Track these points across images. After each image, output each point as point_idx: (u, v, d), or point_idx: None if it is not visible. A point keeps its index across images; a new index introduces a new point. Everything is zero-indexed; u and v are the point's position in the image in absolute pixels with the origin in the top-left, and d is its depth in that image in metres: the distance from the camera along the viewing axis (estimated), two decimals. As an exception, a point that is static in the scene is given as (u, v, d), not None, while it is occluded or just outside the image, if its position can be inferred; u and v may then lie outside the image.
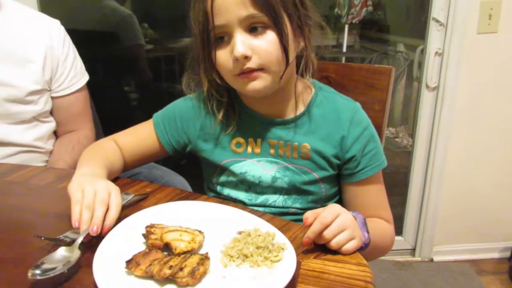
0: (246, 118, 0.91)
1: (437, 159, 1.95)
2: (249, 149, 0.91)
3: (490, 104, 1.87)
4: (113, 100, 2.36)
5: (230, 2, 0.75)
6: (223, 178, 0.94)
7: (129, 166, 0.97)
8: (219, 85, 0.87)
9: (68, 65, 1.25)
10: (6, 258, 0.67)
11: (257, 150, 0.91)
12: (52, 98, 1.25)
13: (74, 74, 1.27)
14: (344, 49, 3.21)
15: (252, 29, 0.76)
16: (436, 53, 1.83)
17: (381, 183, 0.92)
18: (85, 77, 1.31)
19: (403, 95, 3.16)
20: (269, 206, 0.92)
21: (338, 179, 0.93)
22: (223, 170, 0.93)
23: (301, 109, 0.89)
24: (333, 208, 0.70)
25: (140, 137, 0.96)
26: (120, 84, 2.43)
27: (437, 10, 1.77)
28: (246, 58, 0.76)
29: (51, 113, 1.27)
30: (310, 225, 0.67)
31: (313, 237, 0.67)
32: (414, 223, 2.10)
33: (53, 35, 1.23)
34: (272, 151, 0.90)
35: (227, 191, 0.95)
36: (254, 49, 0.76)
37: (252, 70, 0.77)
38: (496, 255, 2.10)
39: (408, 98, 3.06)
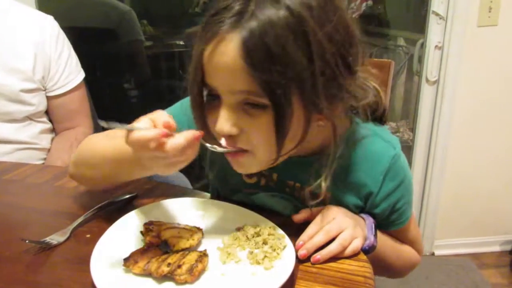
0: None
1: (438, 153, 1.94)
2: (263, 182, 0.78)
3: (490, 97, 1.86)
4: (112, 96, 2.36)
5: (222, 68, 0.58)
6: (236, 198, 0.83)
7: None
8: None
9: (62, 63, 1.23)
10: (4, 256, 0.67)
11: (272, 184, 0.78)
12: (48, 97, 1.24)
13: (69, 72, 1.25)
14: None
15: (246, 103, 0.60)
16: (436, 46, 1.82)
17: (410, 226, 0.81)
18: (81, 74, 1.30)
19: (403, 89, 3.15)
20: None
21: None
22: (235, 192, 0.82)
23: (328, 146, 0.69)
24: (330, 213, 0.68)
25: None
26: (119, 80, 2.42)
27: (437, 3, 1.76)
28: (230, 137, 0.62)
29: (47, 112, 1.26)
30: (298, 221, 0.67)
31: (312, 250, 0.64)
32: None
33: (45, 32, 1.20)
34: (288, 189, 0.78)
35: None
36: (242, 128, 0.61)
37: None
38: (497, 248, 2.10)
39: (408, 93, 3.05)
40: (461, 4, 1.71)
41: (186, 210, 0.75)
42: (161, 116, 0.59)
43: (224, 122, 0.60)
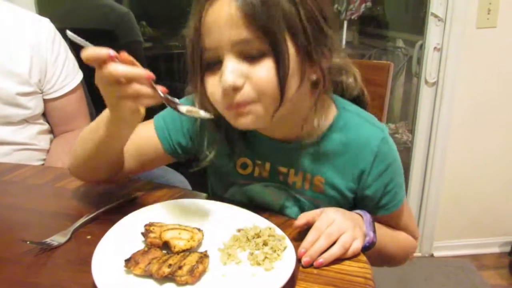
0: (254, 138, 0.80)
1: (437, 155, 1.95)
2: (257, 172, 0.82)
3: (489, 98, 1.87)
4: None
5: (222, 22, 0.63)
6: (228, 194, 0.87)
7: (126, 170, 0.86)
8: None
9: (59, 65, 1.22)
10: (4, 258, 0.67)
11: (266, 174, 0.81)
12: (45, 100, 1.23)
13: (67, 74, 1.24)
14: (343, 45, 3.20)
15: (248, 55, 0.65)
16: (435, 48, 1.82)
17: (404, 211, 0.83)
18: (79, 76, 1.28)
19: (402, 91, 3.16)
20: None
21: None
22: (228, 187, 0.86)
23: (318, 132, 0.76)
24: (328, 216, 0.68)
25: (138, 136, 0.82)
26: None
27: (436, 5, 1.77)
28: (236, 89, 0.65)
29: (44, 114, 1.25)
30: (299, 227, 0.68)
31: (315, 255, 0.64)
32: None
33: (41, 35, 1.19)
34: (281, 177, 0.80)
35: None
36: (247, 78, 0.65)
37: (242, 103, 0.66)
38: (496, 249, 2.10)
39: (407, 94, 3.06)
40: (460, 6, 1.72)
41: (187, 211, 0.75)
42: None
43: (229, 74, 0.64)
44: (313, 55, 0.67)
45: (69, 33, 0.69)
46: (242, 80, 0.65)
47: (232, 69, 0.64)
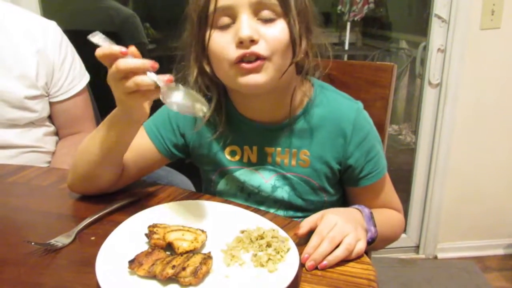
0: (240, 124, 0.85)
1: (441, 156, 1.94)
2: (245, 158, 0.86)
3: (493, 100, 1.86)
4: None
5: None
6: (221, 186, 0.91)
7: (125, 177, 0.87)
8: (210, 80, 0.80)
9: (65, 69, 1.22)
10: (9, 258, 0.67)
11: (254, 158, 0.86)
12: (51, 103, 1.23)
13: (73, 77, 1.24)
14: (346, 47, 3.20)
15: (260, 17, 0.71)
16: (439, 49, 1.82)
17: (386, 183, 0.88)
18: (86, 78, 1.28)
19: (406, 92, 3.16)
20: None
21: (340, 186, 0.90)
22: (221, 177, 0.90)
23: (299, 110, 0.84)
24: (330, 220, 0.68)
25: (133, 143, 0.82)
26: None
27: (439, 6, 1.76)
28: (252, 42, 0.70)
29: (50, 117, 1.25)
30: (303, 235, 0.68)
31: (320, 259, 0.64)
32: (418, 221, 2.09)
33: (48, 39, 1.19)
34: (269, 159, 0.85)
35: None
36: (261, 35, 0.71)
37: (257, 58, 0.71)
38: (500, 251, 2.09)
39: (411, 95, 3.06)
40: (464, 7, 1.71)
41: (190, 213, 0.75)
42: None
43: (246, 28, 0.69)
44: (311, 31, 0.78)
45: (93, 37, 0.72)
46: (257, 35, 0.70)
47: (248, 25, 0.70)
